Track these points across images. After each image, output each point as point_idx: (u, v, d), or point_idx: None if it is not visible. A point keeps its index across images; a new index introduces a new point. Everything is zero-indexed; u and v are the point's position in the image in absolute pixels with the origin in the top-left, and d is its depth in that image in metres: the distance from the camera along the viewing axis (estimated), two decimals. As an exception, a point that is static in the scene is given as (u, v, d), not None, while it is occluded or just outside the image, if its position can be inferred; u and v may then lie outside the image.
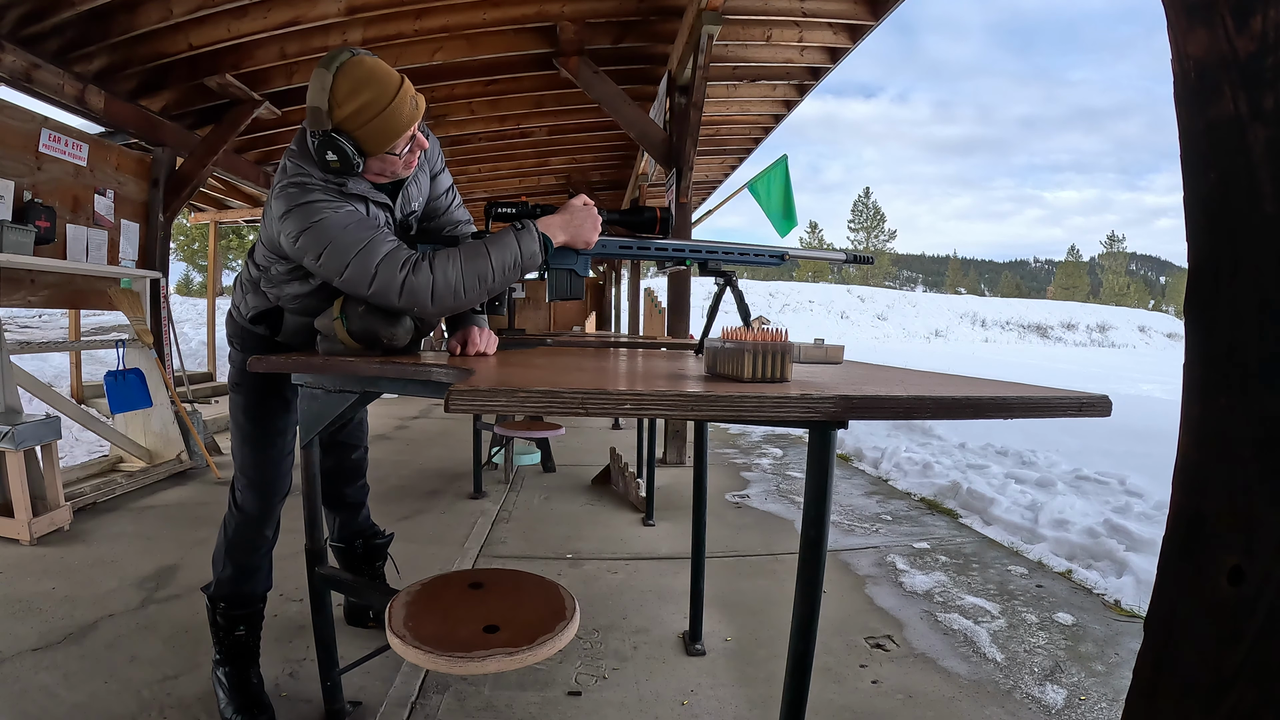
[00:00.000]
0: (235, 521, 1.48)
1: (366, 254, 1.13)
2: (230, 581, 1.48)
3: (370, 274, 1.13)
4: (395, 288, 1.12)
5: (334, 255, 1.14)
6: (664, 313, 6.97)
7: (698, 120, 3.92)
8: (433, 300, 1.13)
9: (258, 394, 1.44)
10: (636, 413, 0.74)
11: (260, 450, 1.46)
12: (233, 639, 1.48)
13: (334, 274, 1.15)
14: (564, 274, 1.27)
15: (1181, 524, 0.52)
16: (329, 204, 1.17)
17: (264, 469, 1.46)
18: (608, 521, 2.96)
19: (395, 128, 1.17)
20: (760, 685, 1.63)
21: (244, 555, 1.48)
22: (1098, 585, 2.30)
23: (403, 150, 1.23)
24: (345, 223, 1.16)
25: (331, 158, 1.16)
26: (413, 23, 3.64)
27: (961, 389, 0.82)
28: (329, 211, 1.16)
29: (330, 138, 1.14)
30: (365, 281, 1.13)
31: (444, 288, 1.13)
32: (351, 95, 1.13)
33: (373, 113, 1.14)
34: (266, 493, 1.47)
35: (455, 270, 1.14)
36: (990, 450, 4.87)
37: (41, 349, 3.93)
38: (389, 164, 1.23)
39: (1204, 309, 0.51)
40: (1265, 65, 0.45)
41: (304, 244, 1.16)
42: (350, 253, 1.13)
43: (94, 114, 3.57)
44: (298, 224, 1.16)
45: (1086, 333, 52.36)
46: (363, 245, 1.13)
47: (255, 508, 1.46)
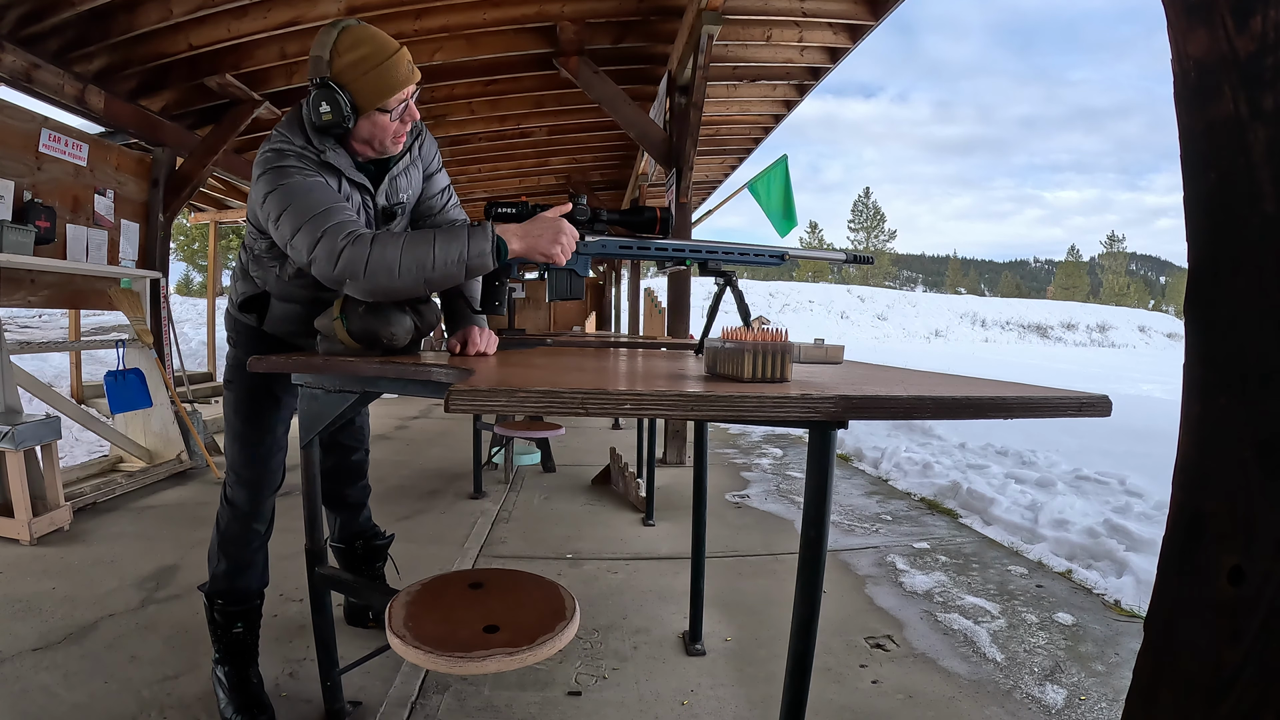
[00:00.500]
0: (227, 516, 1.49)
1: (318, 220, 1.14)
2: (225, 577, 1.49)
3: (315, 239, 1.12)
4: (334, 255, 1.11)
5: (290, 218, 1.15)
6: (664, 313, 6.97)
7: (698, 120, 3.92)
8: (365, 273, 1.10)
9: (248, 391, 1.45)
10: (636, 413, 0.74)
11: (250, 446, 1.46)
12: (230, 637, 1.48)
13: (286, 238, 1.16)
14: (564, 274, 1.27)
15: (1181, 524, 0.52)
16: (300, 170, 1.19)
17: (254, 465, 1.47)
18: (608, 521, 2.96)
19: (391, 82, 1.21)
20: (760, 685, 1.63)
21: (237, 550, 1.49)
22: (1098, 585, 2.30)
23: (395, 110, 1.24)
24: (309, 188, 1.18)
25: (325, 109, 1.19)
26: (413, 23, 3.64)
27: (961, 389, 0.82)
28: (298, 176, 1.18)
29: (327, 87, 1.18)
30: (309, 246, 1.13)
31: (379, 264, 1.10)
32: (352, 47, 1.19)
33: (370, 65, 1.19)
34: (256, 488, 1.47)
35: (395, 251, 1.11)
36: (990, 450, 4.87)
37: (41, 349, 3.93)
38: (379, 127, 1.25)
39: (1204, 309, 0.51)
40: (1265, 65, 0.45)
41: (269, 206, 1.18)
42: (304, 217, 1.14)
43: (94, 114, 3.57)
44: (267, 185, 1.18)
45: (1086, 333, 52.36)
46: (317, 212, 1.15)
47: (245, 503, 1.47)
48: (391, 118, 1.25)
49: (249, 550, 1.50)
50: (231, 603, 1.48)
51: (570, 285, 1.28)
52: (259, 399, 1.46)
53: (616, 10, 3.82)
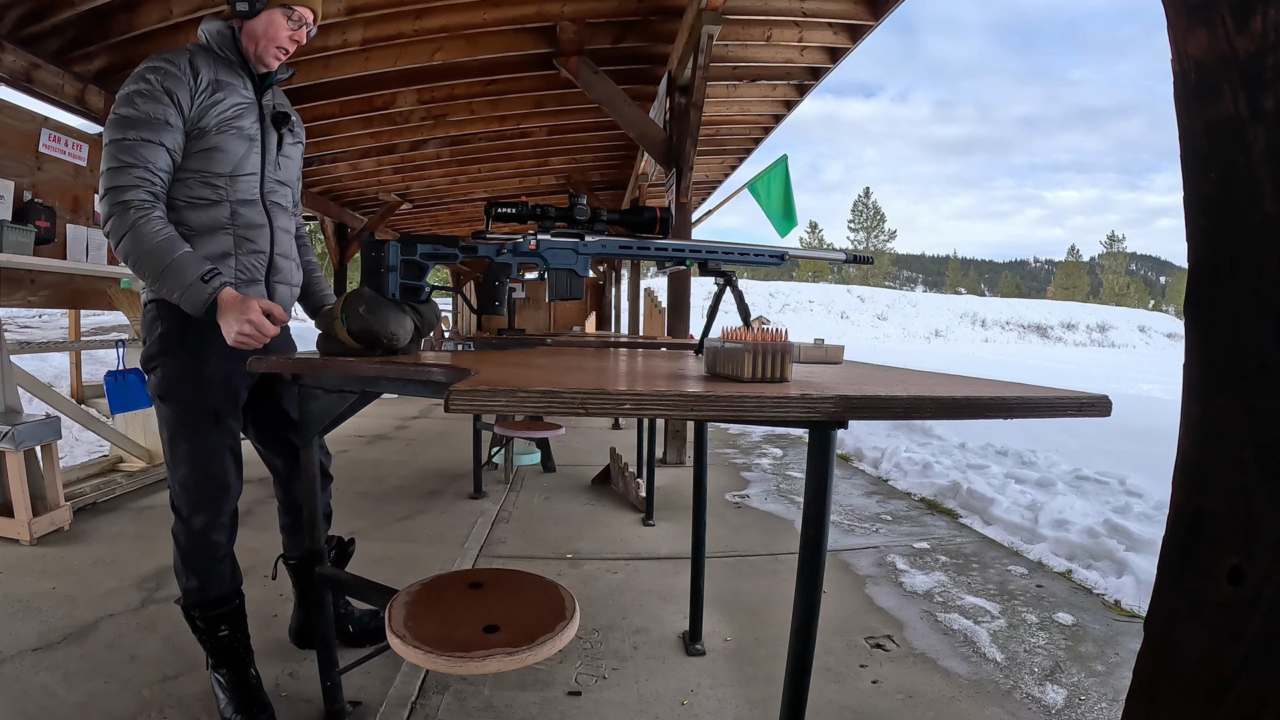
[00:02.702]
0: (183, 533, 1.41)
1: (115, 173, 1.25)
2: (197, 591, 1.43)
3: (106, 186, 1.25)
4: (107, 214, 1.25)
5: (106, 152, 1.26)
6: (664, 313, 6.97)
7: (698, 120, 3.92)
8: (118, 245, 1.25)
9: (184, 408, 1.38)
10: (636, 413, 0.74)
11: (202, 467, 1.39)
12: (217, 640, 1.45)
13: (101, 165, 1.27)
14: (564, 274, 1.27)
15: (1181, 524, 0.52)
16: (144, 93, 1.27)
17: (208, 486, 1.40)
18: (608, 521, 2.96)
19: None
20: (760, 685, 1.63)
21: (201, 563, 1.42)
22: (1098, 585, 2.30)
23: (297, 17, 1.38)
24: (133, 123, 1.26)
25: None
26: (413, 23, 3.64)
27: (961, 389, 0.82)
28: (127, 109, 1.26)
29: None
30: (103, 189, 1.25)
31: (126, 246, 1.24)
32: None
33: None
34: (214, 507, 1.40)
35: (136, 243, 1.23)
36: (990, 450, 4.87)
37: (41, 349, 3.93)
38: (273, 26, 1.37)
39: (1204, 309, 0.51)
40: (1265, 65, 0.45)
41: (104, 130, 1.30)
42: (110, 160, 1.25)
43: (94, 114, 3.57)
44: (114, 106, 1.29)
45: (1086, 333, 52.36)
46: (120, 164, 1.25)
47: (199, 518, 1.40)
48: (289, 23, 1.38)
49: (214, 562, 1.44)
50: (210, 609, 1.44)
51: (570, 285, 1.28)
52: (201, 420, 1.39)
53: (616, 10, 3.82)
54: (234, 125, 1.36)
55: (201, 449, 1.39)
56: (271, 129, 1.45)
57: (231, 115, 1.35)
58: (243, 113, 1.38)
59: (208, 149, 1.33)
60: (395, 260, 1.25)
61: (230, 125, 1.35)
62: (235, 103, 1.37)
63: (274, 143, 1.45)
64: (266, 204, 1.44)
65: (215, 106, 1.33)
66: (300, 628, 1.75)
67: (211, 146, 1.33)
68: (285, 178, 1.50)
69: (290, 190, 1.53)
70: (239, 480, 1.46)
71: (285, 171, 1.49)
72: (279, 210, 1.48)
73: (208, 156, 1.33)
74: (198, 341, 1.35)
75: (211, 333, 1.32)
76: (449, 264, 1.39)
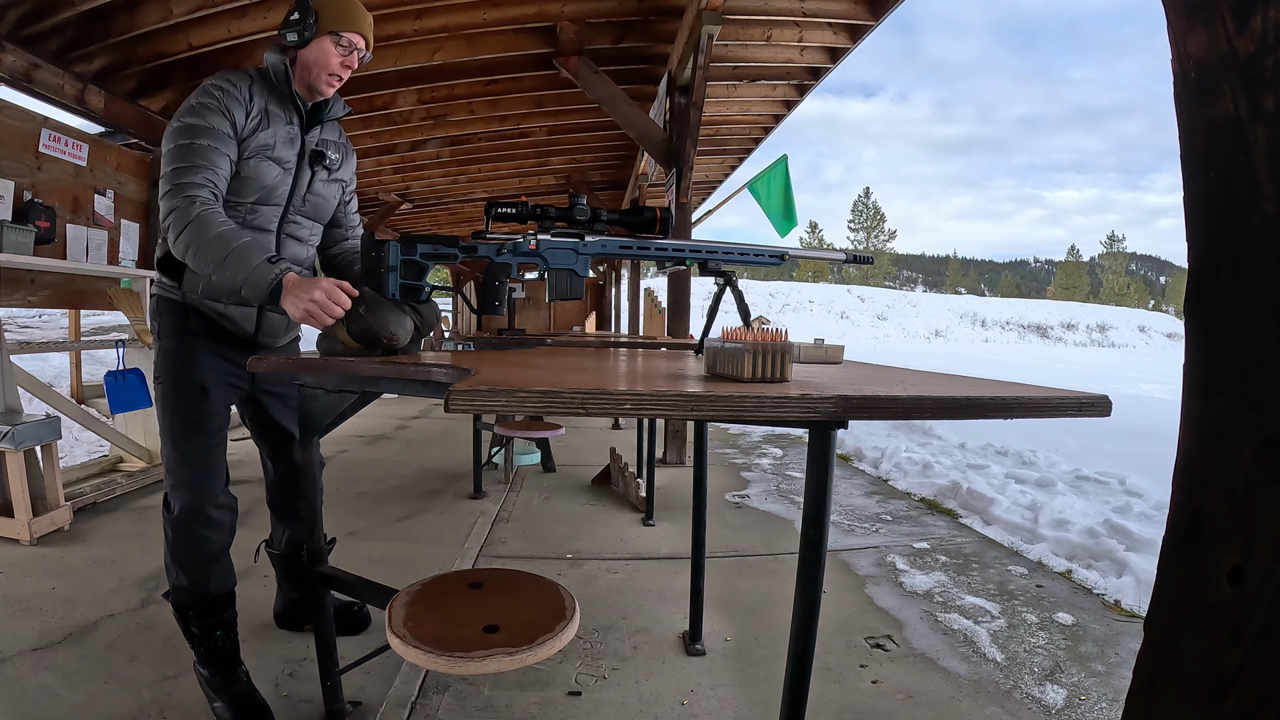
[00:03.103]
0: (171, 524, 1.42)
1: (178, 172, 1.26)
2: (188, 589, 1.42)
3: (167, 186, 1.26)
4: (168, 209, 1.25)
5: (167, 157, 1.28)
6: (664, 313, 6.97)
7: (698, 120, 3.92)
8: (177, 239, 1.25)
9: (174, 383, 1.42)
10: (636, 413, 0.74)
11: (183, 443, 1.41)
12: (212, 643, 1.43)
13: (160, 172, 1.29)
14: (564, 274, 1.27)
15: (1181, 524, 0.52)
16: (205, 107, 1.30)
17: (189, 463, 1.40)
18: (608, 521, 2.96)
19: (353, 16, 1.41)
20: (760, 685, 1.63)
21: (190, 558, 1.41)
22: (1098, 585, 2.30)
23: (346, 43, 1.40)
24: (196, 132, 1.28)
25: (294, 16, 1.38)
26: (413, 23, 3.64)
27: (961, 389, 0.82)
28: (191, 119, 1.29)
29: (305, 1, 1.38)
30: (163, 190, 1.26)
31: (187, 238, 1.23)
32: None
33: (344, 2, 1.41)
34: (195, 489, 1.40)
35: (203, 235, 1.22)
36: (990, 450, 4.87)
37: (41, 349, 3.93)
38: (324, 53, 1.39)
39: (1204, 309, 0.51)
40: (1265, 65, 0.45)
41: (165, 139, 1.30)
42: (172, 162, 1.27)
43: (94, 114, 3.57)
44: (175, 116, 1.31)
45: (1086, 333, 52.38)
46: (183, 164, 1.26)
47: (186, 507, 1.40)
48: (340, 50, 1.40)
49: (203, 557, 1.42)
50: (205, 614, 1.42)
51: (570, 285, 1.28)
52: (185, 390, 1.42)
53: (616, 10, 3.82)
54: (271, 156, 1.39)
55: (188, 421, 1.42)
56: (307, 166, 1.47)
57: (272, 146, 1.39)
58: (283, 145, 1.42)
59: (242, 174, 1.37)
60: (395, 260, 1.25)
61: (268, 156, 1.39)
62: (278, 134, 1.40)
63: (306, 180, 1.48)
64: (281, 235, 1.47)
65: (259, 134, 1.37)
66: (283, 610, 1.85)
67: (246, 174, 1.37)
68: (311, 213, 1.52)
69: (315, 224, 1.55)
70: (224, 464, 1.47)
71: (312, 207, 1.51)
72: (292, 242, 1.50)
73: (239, 181, 1.37)
74: (195, 329, 1.44)
75: (209, 324, 1.43)
76: (449, 264, 1.39)
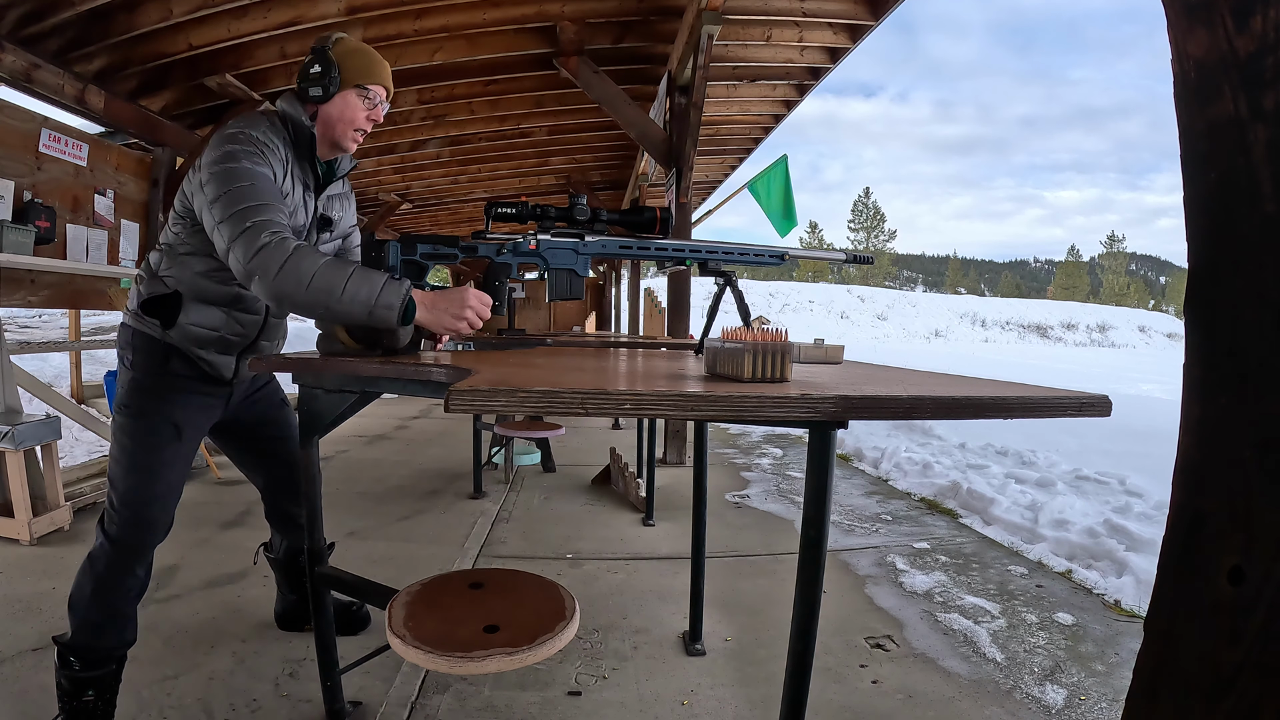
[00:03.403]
0: (107, 559, 1.33)
1: (251, 211, 1.15)
2: (93, 630, 1.33)
3: (243, 226, 1.14)
4: (253, 248, 1.12)
5: (228, 200, 1.16)
6: (664, 313, 6.97)
7: (698, 120, 3.92)
8: (276, 274, 1.10)
9: (148, 421, 1.34)
10: (636, 413, 0.74)
11: (150, 483, 1.34)
12: (80, 704, 1.32)
13: (216, 220, 1.16)
14: (564, 274, 1.27)
15: (1181, 524, 0.52)
16: (249, 154, 1.21)
17: (154, 504, 1.35)
18: (608, 521, 2.96)
19: (377, 69, 1.36)
20: (760, 685, 1.63)
21: (115, 599, 1.34)
22: (1098, 585, 2.30)
23: (370, 97, 1.35)
24: (254, 176, 1.20)
25: (315, 70, 1.31)
26: (413, 23, 3.64)
27: (961, 389, 0.82)
28: (246, 162, 1.20)
29: (324, 53, 1.31)
30: (235, 232, 1.14)
31: (292, 271, 1.11)
32: (354, 43, 1.37)
33: (363, 54, 1.36)
34: (146, 528, 1.35)
35: (311, 265, 1.11)
36: (990, 450, 4.87)
37: (41, 349, 3.94)
38: (349, 108, 1.34)
39: (1204, 309, 0.51)
40: (1265, 65, 0.45)
41: (210, 185, 1.18)
42: (241, 202, 1.16)
43: (94, 114, 3.57)
44: (216, 161, 1.20)
45: (1086, 333, 52.38)
46: (252, 203, 1.16)
47: (132, 542, 1.34)
48: (365, 103, 1.35)
49: (125, 600, 1.36)
50: (89, 665, 1.33)
51: (570, 285, 1.28)
52: (161, 429, 1.35)
53: (616, 10, 3.82)
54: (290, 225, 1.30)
55: (159, 460, 1.35)
56: (315, 231, 1.43)
57: (292, 212, 1.33)
58: (299, 212, 1.37)
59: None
60: (395, 260, 1.25)
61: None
62: (297, 200, 1.36)
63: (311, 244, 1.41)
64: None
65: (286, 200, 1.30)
66: (283, 611, 1.86)
67: None
68: None
69: None
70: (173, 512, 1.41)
71: None
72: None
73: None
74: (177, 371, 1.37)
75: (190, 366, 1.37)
76: (449, 264, 1.39)
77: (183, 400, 1.38)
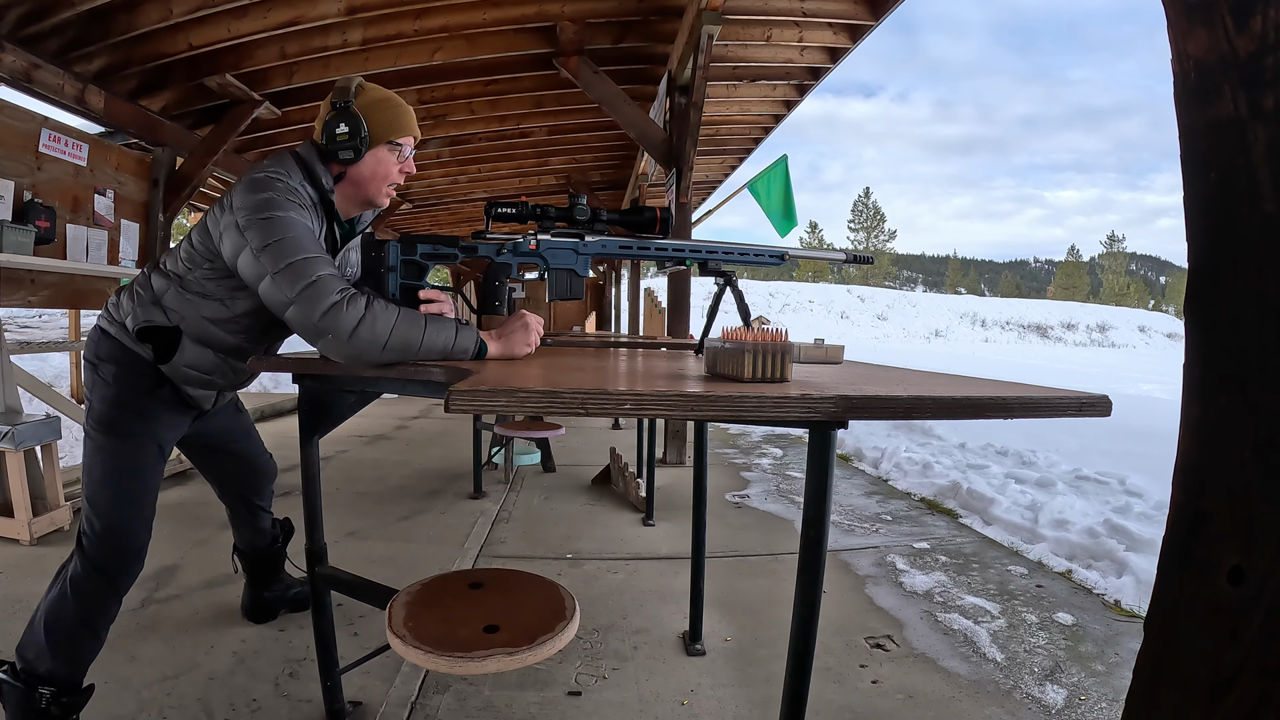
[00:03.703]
0: (93, 583, 1.29)
1: (312, 264, 1.08)
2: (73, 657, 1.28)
3: (306, 281, 1.06)
4: (321, 306, 1.04)
5: (277, 251, 1.08)
6: (664, 313, 6.97)
7: (698, 120, 3.92)
8: (350, 335, 1.03)
9: (134, 442, 1.31)
10: (636, 413, 0.74)
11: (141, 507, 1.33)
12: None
13: (266, 270, 1.08)
14: (564, 274, 1.27)
15: (1181, 524, 0.52)
16: (295, 204, 1.16)
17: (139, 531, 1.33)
18: (608, 521, 2.96)
19: (406, 121, 1.31)
20: (760, 685, 1.63)
21: (98, 622, 1.32)
22: (1098, 585, 2.30)
23: (403, 150, 1.31)
24: (301, 227, 1.14)
25: (342, 129, 1.24)
26: (413, 23, 3.64)
27: (961, 389, 0.82)
28: (293, 211, 1.15)
29: (348, 111, 1.24)
30: (295, 286, 1.06)
31: (368, 332, 1.04)
32: (375, 91, 1.30)
33: (389, 105, 1.29)
34: (134, 555, 1.33)
35: (387, 324, 1.05)
36: (990, 450, 4.87)
37: (41, 349, 3.93)
38: (383, 164, 1.30)
39: (1204, 309, 0.51)
40: (1265, 65, 0.45)
41: (253, 228, 1.11)
42: (294, 254, 1.08)
43: (94, 114, 3.57)
44: (258, 206, 1.12)
45: (1086, 333, 52.39)
46: (310, 255, 1.10)
47: (119, 569, 1.32)
48: (398, 157, 1.31)
49: (108, 622, 1.33)
50: (66, 691, 1.29)
51: (570, 285, 1.28)
52: (147, 451, 1.33)
53: (616, 10, 3.82)
54: None
55: (145, 484, 1.34)
56: None
57: None
58: None
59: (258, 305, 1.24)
60: (395, 260, 1.25)
61: None
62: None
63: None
64: (266, 350, 1.42)
65: None
66: (249, 603, 1.91)
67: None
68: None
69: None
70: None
71: None
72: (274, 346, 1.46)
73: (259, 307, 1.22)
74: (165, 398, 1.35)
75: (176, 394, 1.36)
76: (449, 264, 1.39)
77: (166, 419, 1.38)
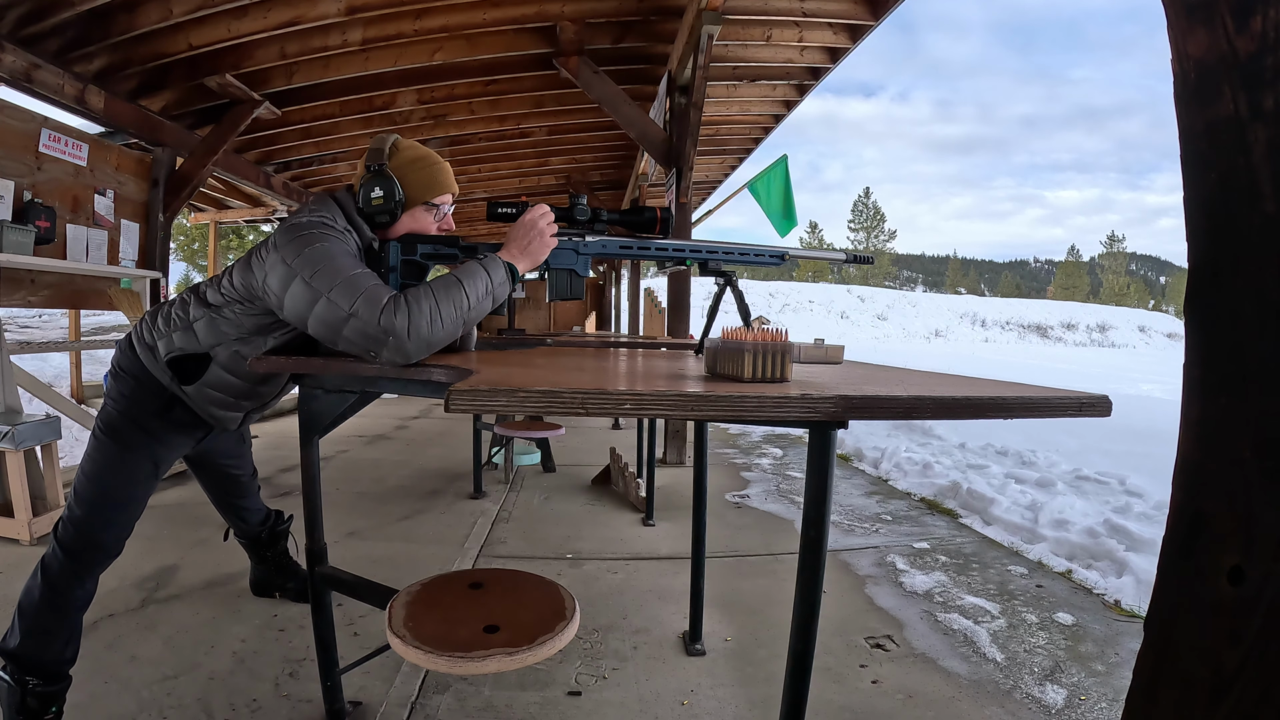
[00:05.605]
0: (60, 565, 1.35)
1: (360, 277, 1.10)
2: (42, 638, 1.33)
3: (358, 293, 1.07)
4: (373, 319, 1.04)
5: (325, 275, 1.10)
6: (664, 313, 6.97)
7: (698, 120, 3.92)
8: (409, 336, 1.04)
9: (133, 454, 1.36)
10: (636, 413, 0.74)
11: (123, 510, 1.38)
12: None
13: (320, 292, 1.09)
14: (564, 274, 1.27)
15: (1181, 524, 0.52)
16: (336, 236, 1.18)
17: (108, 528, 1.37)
18: (608, 521, 2.96)
19: (443, 179, 1.32)
20: (760, 685, 1.63)
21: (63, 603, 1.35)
22: (1098, 585, 2.30)
23: (442, 209, 1.33)
24: (346, 254, 1.16)
25: (377, 194, 1.24)
26: (413, 23, 3.64)
27: (961, 389, 0.82)
28: (335, 241, 1.17)
29: (383, 174, 1.24)
30: (351, 299, 1.06)
31: (420, 321, 1.04)
32: (409, 149, 1.30)
33: (425, 165, 1.30)
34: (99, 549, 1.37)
35: (429, 302, 1.06)
36: (990, 450, 4.87)
37: (41, 349, 3.94)
38: (420, 224, 1.31)
39: (1204, 309, 0.51)
40: (1265, 65, 0.45)
41: (300, 263, 1.12)
42: (341, 275, 1.10)
43: (94, 114, 3.57)
44: (300, 244, 1.14)
45: (1086, 333, 52.37)
46: (355, 273, 1.11)
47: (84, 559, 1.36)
48: (435, 215, 1.32)
49: (75, 608, 1.37)
50: (50, 680, 1.33)
51: (570, 285, 1.28)
52: (141, 465, 1.38)
53: (616, 10, 3.82)
54: None
55: (132, 494, 1.39)
56: None
57: None
58: None
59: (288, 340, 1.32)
60: (395, 260, 1.25)
61: None
62: None
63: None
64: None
65: None
66: (256, 579, 2.03)
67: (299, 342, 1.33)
68: None
69: None
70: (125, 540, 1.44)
71: None
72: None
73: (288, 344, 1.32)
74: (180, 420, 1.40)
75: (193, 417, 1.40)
76: (449, 264, 1.39)
77: (170, 440, 1.42)
